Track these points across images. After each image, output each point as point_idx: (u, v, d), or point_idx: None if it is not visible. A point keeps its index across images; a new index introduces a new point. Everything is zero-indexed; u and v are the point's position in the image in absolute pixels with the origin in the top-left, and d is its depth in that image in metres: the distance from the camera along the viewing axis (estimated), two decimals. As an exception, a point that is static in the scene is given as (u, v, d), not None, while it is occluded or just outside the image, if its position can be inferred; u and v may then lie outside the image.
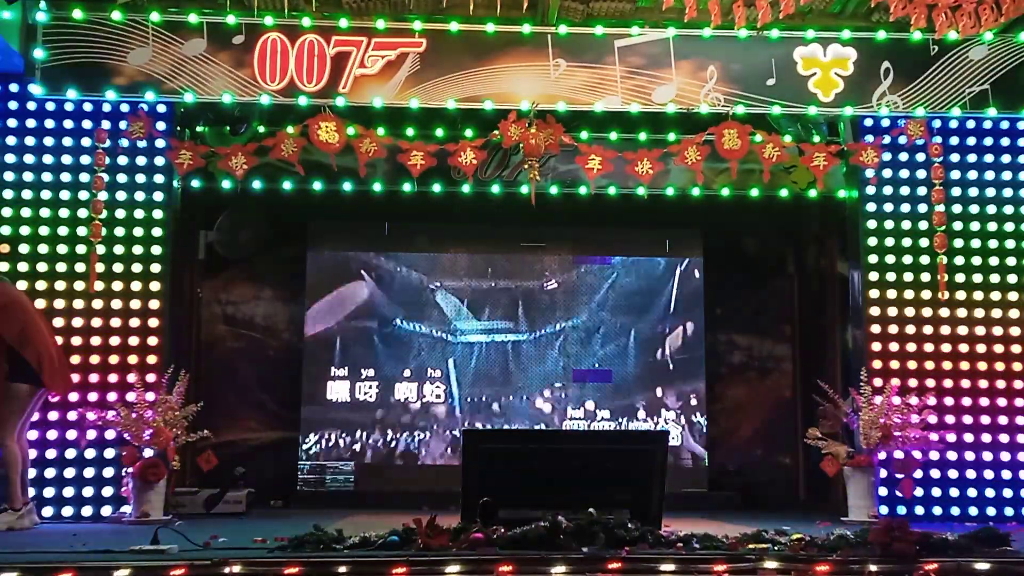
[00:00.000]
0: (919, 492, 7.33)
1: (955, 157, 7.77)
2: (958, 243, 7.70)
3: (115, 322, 7.25)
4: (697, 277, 9.57)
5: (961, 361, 7.57)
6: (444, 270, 9.54)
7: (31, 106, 7.34)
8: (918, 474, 7.30)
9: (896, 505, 7.32)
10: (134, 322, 7.26)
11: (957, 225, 7.71)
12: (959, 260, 7.68)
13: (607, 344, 9.46)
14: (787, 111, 7.51)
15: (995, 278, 7.67)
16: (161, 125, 7.40)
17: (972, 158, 7.79)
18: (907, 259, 7.69)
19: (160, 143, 7.38)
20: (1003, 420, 7.50)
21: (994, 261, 7.69)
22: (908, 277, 7.67)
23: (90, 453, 7.04)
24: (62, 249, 7.27)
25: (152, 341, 7.25)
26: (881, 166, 7.68)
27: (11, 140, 7.33)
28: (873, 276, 7.69)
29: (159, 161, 7.42)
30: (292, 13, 7.18)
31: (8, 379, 6.17)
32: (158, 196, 7.42)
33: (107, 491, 7.04)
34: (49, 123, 7.37)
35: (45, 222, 7.28)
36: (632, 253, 9.66)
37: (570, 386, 9.38)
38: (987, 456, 7.45)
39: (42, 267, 7.20)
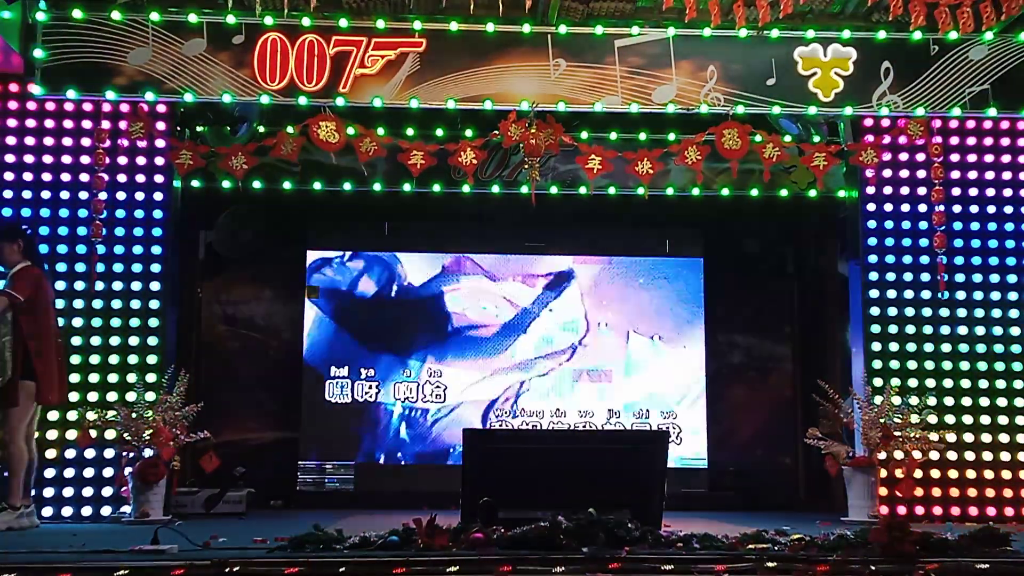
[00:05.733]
0: (919, 492, 7.34)
1: (955, 157, 7.78)
2: (958, 243, 7.71)
3: (115, 322, 7.26)
4: (697, 277, 9.56)
5: (961, 361, 7.58)
6: (443, 269, 9.53)
7: (31, 106, 7.33)
8: (918, 474, 7.30)
9: (896, 505, 7.33)
10: (134, 322, 7.27)
11: (957, 225, 7.72)
12: (959, 260, 7.69)
13: (607, 344, 9.45)
14: (787, 111, 7.51)
15: (995, 278, 7.68)
16: (161, 125, 7.41)
17: (972, 158, 7.79)
18: (907, 259, 7.70)
19: (160, 143, 7.39)
20: (1003, 420, 7.50)
21: (994, 261, 7.70)
22: (908, 277, 7.69)
23: (90, 453, 7.05)
24: (62, 249, 7.29)
25: (152, 341, 7.27)
26: (881, 166, 7.69)
27: (11, 140, 7.34)
28: (873, 276, 7.70)
29: (159, 161, 7.43)
30: (292, 13, 7.17)
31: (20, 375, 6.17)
32: (158, 196, 7.43)
33: (107, 491, 7.05)
34: (49, 123, 7.37)
35: (45, 222, 7.29)
36: (632, 253, 9.65)
37: (570, 385, 9.37)
38: (987, 456, 7.46)
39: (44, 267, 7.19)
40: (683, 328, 9.49)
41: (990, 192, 7.77)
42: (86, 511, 7.00)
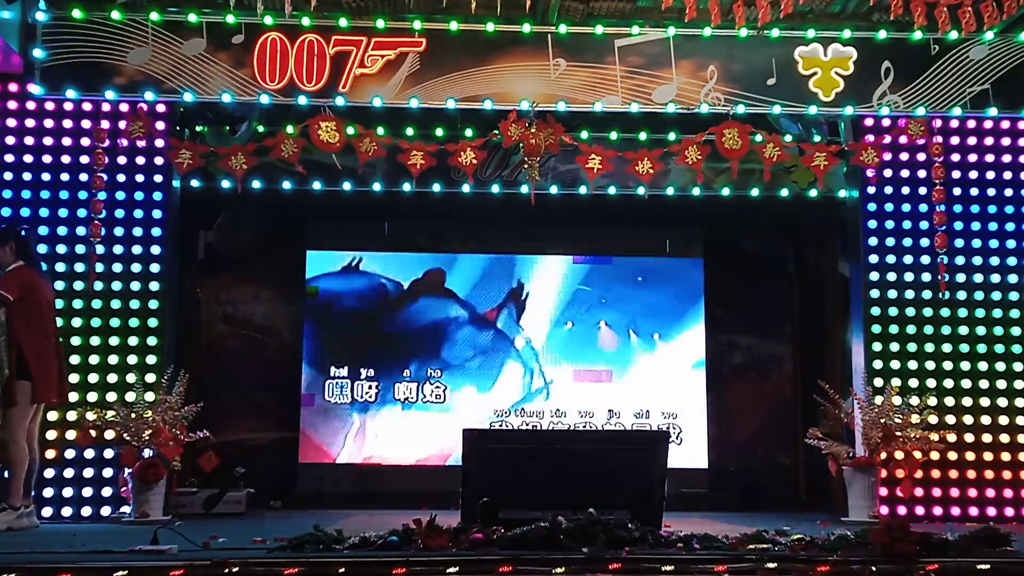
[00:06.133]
0: (919, 492, 7.33)
1: (955, 157, 7.78)
2: (958, 243, 7.71)
3: (115, 322, 7.27)
4: (697, 277, 9.56)
5: (961, 361, 7.58)
6: (443, 268, 9.52)
7: (31, 106, 7.34)
8: (918, 474, 7.30)
9: (896, 505, 7.33)
10: (134, 322, 7.28)
11: (957, 225, 7.72)
12: (959, 260, 7.69)
13: (607, 344, 9.44)
14: (787, 111, 7.50)
15: (995, 278, 7.68)
16: (161, 125, 7.41)
17: (972, 158, 7.79)
18: (907, 259, 7.70)
19: (160, 143, 7.39)
20: (1003, 420, 7.50)
21: (994, 261, 7.70)
22: (908, 277, 7.69)
23: (90, 453, 7.05)
24: (62, 249, 7.29)
25: (152, 341, 7.27)
26: (881, 166, 7.69)
27: (11, 140, 7.34)
28: (873, 276, 7.70)
29: (159, 161, 7.43)
30: (293, 13, 7.17)
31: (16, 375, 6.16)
32: (157, 196, 7.44)
33: (107, 491, 7.05)
34: (49, 123, 7.38)
35: (44, 222, 7.29)
36: (632, 253, 9.64)
37: (570, 385, 9.37)
38: (987, 456, 7.46)
39: (42, 267, 7.18)
40: (683, 328, 9.48)
41: (990, 192, 7.77)
42: (86, 511, 7.01)
